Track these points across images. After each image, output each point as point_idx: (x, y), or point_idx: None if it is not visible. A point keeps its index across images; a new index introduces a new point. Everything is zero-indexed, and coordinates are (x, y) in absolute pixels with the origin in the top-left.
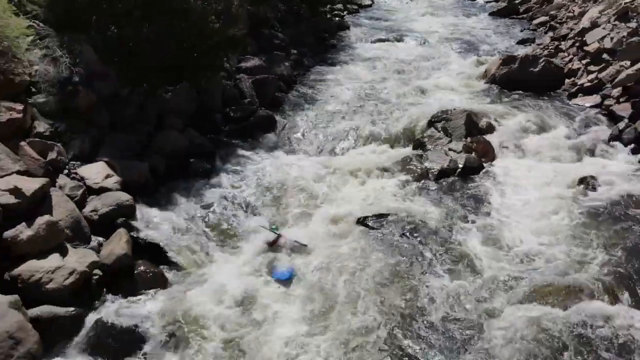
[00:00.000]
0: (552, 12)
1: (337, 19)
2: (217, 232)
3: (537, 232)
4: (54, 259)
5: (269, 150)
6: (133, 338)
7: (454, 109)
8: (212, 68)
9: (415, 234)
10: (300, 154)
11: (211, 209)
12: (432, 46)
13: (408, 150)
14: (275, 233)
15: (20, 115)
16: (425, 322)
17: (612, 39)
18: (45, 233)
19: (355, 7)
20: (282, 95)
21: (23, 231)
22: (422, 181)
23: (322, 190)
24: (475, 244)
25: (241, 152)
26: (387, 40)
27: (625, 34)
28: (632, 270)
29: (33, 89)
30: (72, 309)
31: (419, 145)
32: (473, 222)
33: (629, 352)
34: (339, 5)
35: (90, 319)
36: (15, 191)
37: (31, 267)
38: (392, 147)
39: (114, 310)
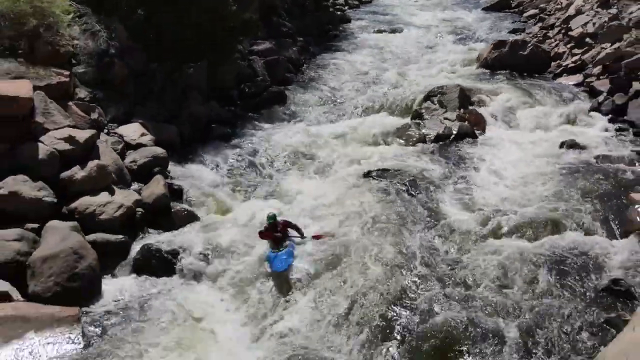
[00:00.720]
0: (541, 5)
1: (339, 12)
2: (236, 183)
3: (522, 181)
4: (104, 196)
5: (280, 119)
6: (172, 260)
7: (448, 85)
8: (228, 48)
9: (413, 184)
10: (309, 123)
11: (231, 165)
12: (429, 36)
13: (407, 120)
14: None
15: (67, 80)
16: (421, 244)
17: (594, 24)
18: (96, 174)
19: (356, 2)
20: (290, 75)
21: (78, 172)
22: (420, 144)
23: (331, 151)
24: (466, 189)
25: (256, 121)
26: (387, 31)
27: (606, 19)
28: (602, 210)
29: (74, 61)
30: (121, 236)
31: (417, 115)
32: (464, 175)
33: (597, 272)
34: (341, 0)
35: (136, 245)
36: (70, 139)
37: (86, 202)
38: (393, 117)
39: (155, 239)
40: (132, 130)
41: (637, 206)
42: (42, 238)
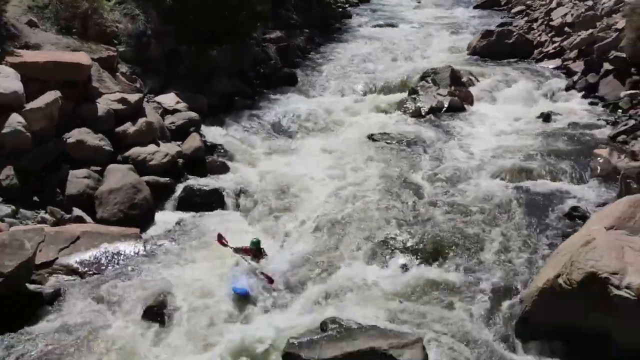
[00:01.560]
0: (527, 2)
1: (340, 9)
2: (259, 142)
3: (503, 142)
4: (151, 147)
5: (292, 95)
6: (211, 199)
7: (441, 66)
8: (245, 34)
9: (409, 144)
10: (317, 98)
11: (254, 129)
12: (423, 30)
13: (404, 95)
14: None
15: (114, 54)
16: (417, 183)
17: (572, 15)
18: (145, 129)
19: (356, 1)
20: (299, 60)
21: (129, 127)
22: (415, 115)
23: (339, 119)
24: (455, 146)
25: (271, 96)
26: (384, 25)
27: (583, 10)
28: (571, 163)
29: (115, 41)
30: (167, 179)
31: (413, 92)
32: (454, 137)
33: (562, 204)
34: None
35: (179, 187)
36: (122, 100)
37: (137, 151)
38: (392, 93)
39: (194, 183)
40: (169, 99)
41: (599, 158)
42: (105, 177)
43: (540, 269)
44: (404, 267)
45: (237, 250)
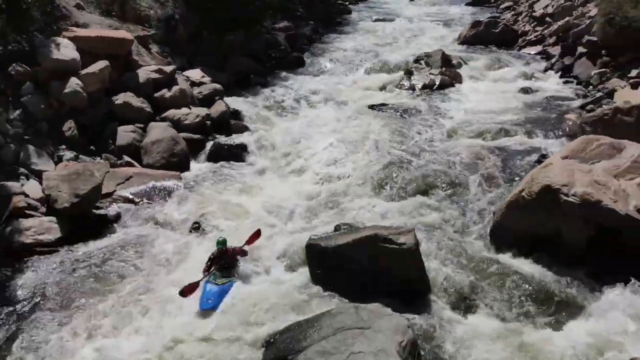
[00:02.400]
0: None
1: (341, 6)
2: (273, 111)
3: (486, 110)
4: (185, 110)
5: (300, 75)
6: (236, 151)
7: (433, 50)
8: (257, 22)
9: (404, 112)
10: (323, 77)
11: (268, 100)
12: (418, 23)
13: (400, 75)
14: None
15: (148, 34)
16: (412, 139)
17: (552, 6)
18: (179, 95)
19: None
20: (306, 47)
21: (166, 93)
22: (410, 90)
23: (343, 94)
24: (444, 115)
25: (282, 75)
26: (382, 20)
27: (562, 1)
28: (545, 125)
29: (146, 24)
30: (199, 135)
31: (408, 72)
32: (444, 107)
33: (533, 154)
34: None
35: (209, 143)
36: (159, 71)
37: (173, 113)
38: (389, 74)
39: (221, 139)
40: (195, 74)
41: (568, 121)
42: (148, 132)
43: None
44: (400, 196)
45: (207, 274)
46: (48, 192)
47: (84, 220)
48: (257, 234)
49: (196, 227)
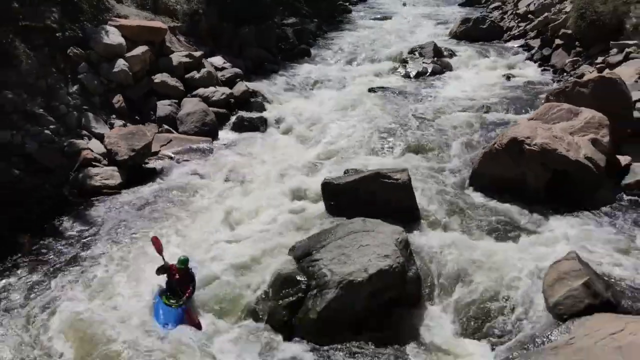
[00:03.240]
0: None
1: (342, 6)
2: (285, 92)
3: (472, 93)
4: (212, 89)
5: (307, 64)
6: (256, 123)
7: (426, 42)
8: (268, 17)
9: (399, 93)
10: (328, 66)
11: (281, 84)
12: (413, 21)
13: (397, 64)
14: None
15: (178, 25)
16: (406, 114)
17: (535, 4)
18: (207, 76)
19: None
20: (311, 41)
21: (195, 75)
22: (406, 77)
23: (347, 79)
24: (435, 96)
25: (291, 64)
26: (380, 18)
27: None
28: (521, 104)
29: (174, 18)
30: (224, 110)
31: (404, 61)
32: (435, 90)
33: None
34: None
35: (233, 116)
36: (189, 56)
37: (203, 90)
38: (387, 62)
39: (243, 114)
40: (218, 60)
41: (542, 101)
42: (182, 105)
43: None
44: (395, 154)
45: (161, 269)
46: (110, 147)
47: (138, 171)
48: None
49: (228, 178)
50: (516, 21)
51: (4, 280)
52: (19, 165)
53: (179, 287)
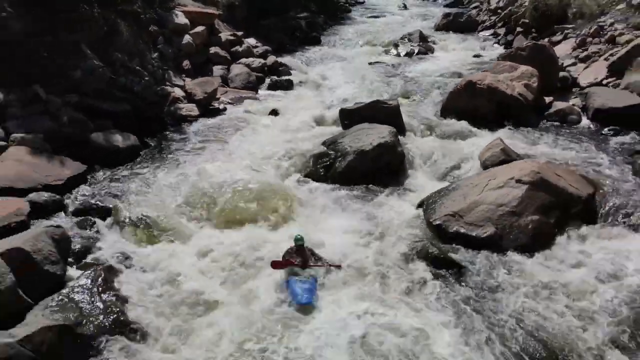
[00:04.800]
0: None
1: (343, 6)
2: (303, 65)
3: (450, 64)
4: (251, 59)
5: (319, 48)
6: (285, 84)
7: (414, 30)
8: (286, 11)
9: (392, 66)
10: (335, 48)
11: (299, 60)
12: (404, 18)
13: (390, 47)
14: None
15: (221, 13)
16: (395, 78)
17: (503, 1)
18: (246, 50)
19: (353, 1)
20: (320, 31)
21: (238, 48)
22: (397, 56)
23: (350, 57)
24: (420, 68)
25: (306, 48)
26: (376, 16)
27: None
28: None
29: (217, 8)
30: (261, 74)
31: (395, 45)
32: (420, 65)
33: None
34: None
35: (267, 79)
36: (233, 35)
37: (245, 60)
38: (382, 47)
39: (275, 77)
40: (251, 41)
41: None
42: (230, 70)
43: None
44: (389, 98)
45: (279, 264)
46: (189, 90)
47: (208, 109)
48: (338, 267)
49: (272, 112)
50: (488, 15)
51: (138, 170)
52: (135, 101)
53: (302, 262)
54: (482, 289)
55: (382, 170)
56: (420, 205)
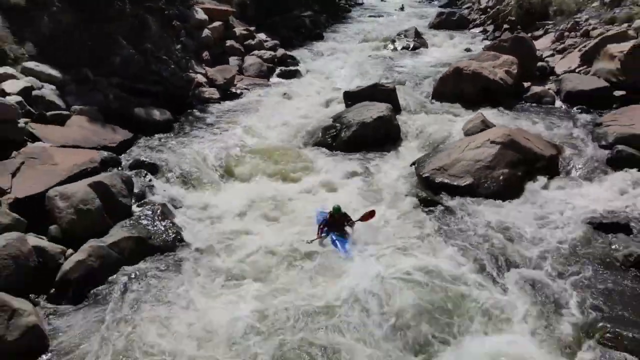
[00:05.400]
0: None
1: (343, 6)
2: (309, 56)
3: (441, 58)
4: (263, 51)
5: (322, 43)
6: (293, 72)
7: (409, 27)
8: (291, 9)
9: (390, 59)
10: (337, 43)
11: (304, 53)
12: (400, 18)
13: (387, 42)
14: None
15: (233, 11)
16: (391, 67)
17: (492, 1)
18: (258, 43)
19: (352, 3)
20: (323, 29)
21: (251, 42)
22: (394, 50)
23: (351, 50)
24: (415, 61)
25: (310, 43)
26: (374, 16)
27: None
28: None
29: (231, 6)
30: (271, 65)
31: (392, 40)
32: (414, 58)
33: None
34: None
35: (277, 69)
36: (246, 30)
37: (257, 52)
38: (380, 42)
39: (284, 67)
40: (262, 35)
41: None
42: (245, 61)
43: None
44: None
45: (324, 230)
46: (211, 77)
47: (227, 92)
48: (371, 214)
49: (284, 95)
50: (478, 14)
51: (175, 138)
52: (166, 84)
53: (338, 226)
54: (464, 223)
55: (380, 139)
56: (413, 164)
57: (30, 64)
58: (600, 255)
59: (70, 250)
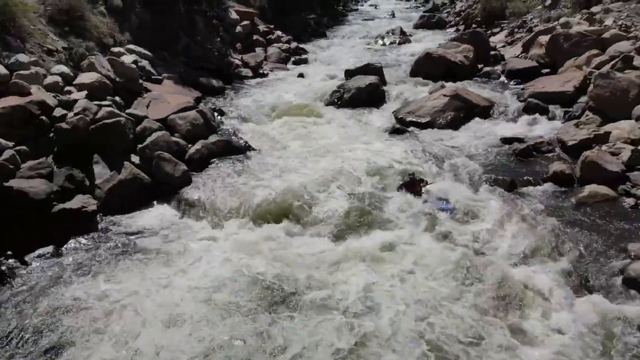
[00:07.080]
0: (452, 7)
1: (341, 12)
2: (317, 49)
3: (422, 48)
4: (280, 43)
5: (325, 40)
6: (304, 60)
7: (396, 27)
8: (301, 11)
9: (380, 51)
10: (338, 40)
11: (313, 46)
12: (390, 20)
13: (378, 39)
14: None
15: (256, 12)
16: (382, 56)
17: (464, 5)
18: (276, 37)
19: (348, 8)
20: (326, 28)
21: (272, 37)
22: (383, 45)
23: (350, 44)
24: (399, 52)
25: (316, 39)
26: (368, 19)
27: (471, 2)
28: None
29: (253, 8)
30: (287, 54)
31: (381, 37)
32: (399, 50)
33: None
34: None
35: (292, 58)
36: (267, 27)
37: (277, 44)
38: (373, 38)
39: (298, 56)
40: (278, 32)
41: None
42: (267, 51)
43: None
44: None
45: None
46: (245, 60)
47: (258, 72)
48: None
49: (300, 75)
50: (453, 17)
51: (228, 98)
52: (215, 64)
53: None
54: (424, 142)
55: (372, 99)
56: (394, 112)
57: (131, 46)
58: (504, 152)
59: (190, 145)
